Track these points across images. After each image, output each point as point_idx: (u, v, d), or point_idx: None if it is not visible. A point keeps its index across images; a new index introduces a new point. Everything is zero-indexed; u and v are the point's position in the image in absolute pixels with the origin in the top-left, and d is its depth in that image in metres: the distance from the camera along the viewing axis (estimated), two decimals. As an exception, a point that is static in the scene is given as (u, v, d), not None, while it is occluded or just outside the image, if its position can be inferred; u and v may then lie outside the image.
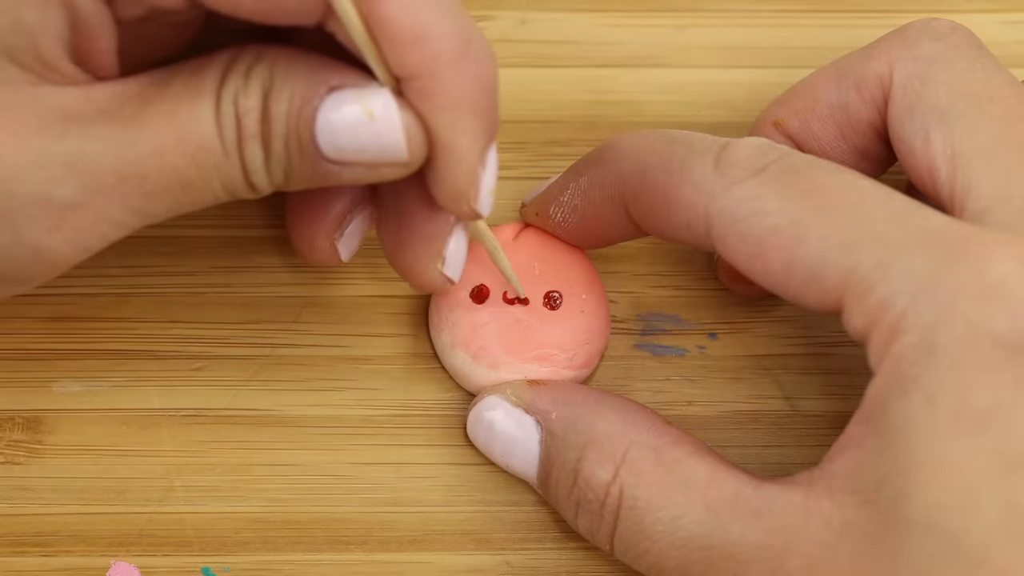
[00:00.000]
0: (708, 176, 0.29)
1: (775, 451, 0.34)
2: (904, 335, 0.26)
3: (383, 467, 0.33)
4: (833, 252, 0.27)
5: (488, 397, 0.32)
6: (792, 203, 0.28)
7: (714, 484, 0.29)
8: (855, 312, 0.27)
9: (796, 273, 0.27)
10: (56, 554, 0.33)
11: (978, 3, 0.38)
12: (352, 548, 0.33)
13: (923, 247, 0.26)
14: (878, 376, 0.27)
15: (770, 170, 0.28)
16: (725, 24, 0.38)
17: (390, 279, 0.35)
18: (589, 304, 0.33)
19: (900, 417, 0.26)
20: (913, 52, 0.30)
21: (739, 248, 0.28)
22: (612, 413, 0.31)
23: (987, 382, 0.25)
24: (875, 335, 0.27)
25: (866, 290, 0.27)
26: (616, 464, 0.29)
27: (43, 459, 0.33)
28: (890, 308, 0.26)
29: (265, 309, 0.35)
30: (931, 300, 0.26)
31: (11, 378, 0.34)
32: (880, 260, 0.26)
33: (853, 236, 0.27)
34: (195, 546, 0.33)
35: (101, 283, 0.35)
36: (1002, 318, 0.25)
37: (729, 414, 0.34)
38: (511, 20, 0.38)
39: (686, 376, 0.34)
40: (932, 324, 0.26)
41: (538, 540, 0.33)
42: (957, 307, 0.26)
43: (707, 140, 0.30)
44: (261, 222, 0.35)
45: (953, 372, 0.25)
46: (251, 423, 0.34)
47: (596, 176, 0.31)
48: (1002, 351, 0.25)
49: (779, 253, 0.28)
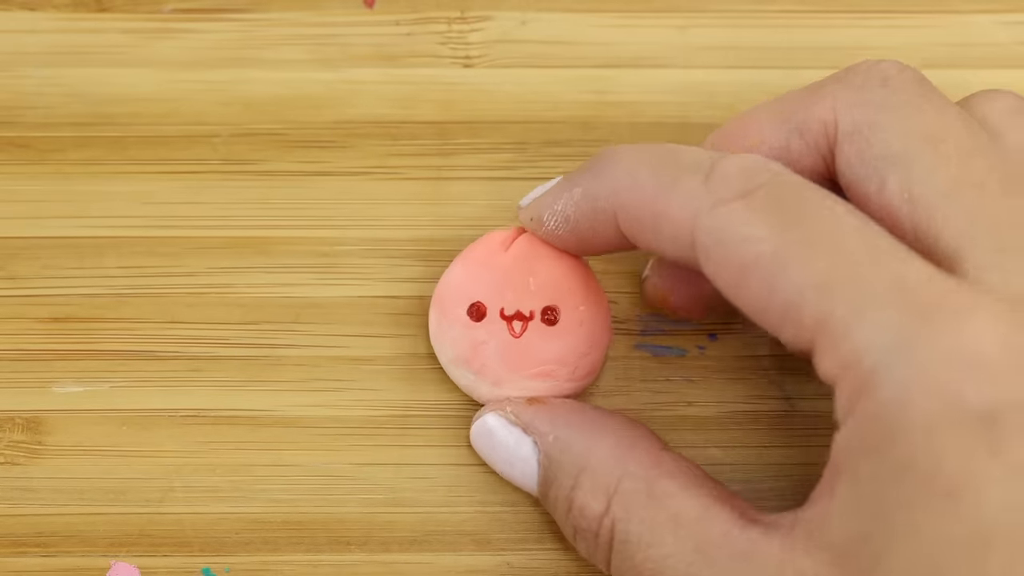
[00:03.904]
0: (696, 193, 0.28)
1: (775, 451, 0.34)
2: (876, 392, 0.26)
3: (383, 468, 0.33)
4: (810, 291, 0.26)
5: (487, 414, 0.32)
6: (775, 233, 0.27)
7: (704, 522, 0.28)
8: (826, 356, 0.26)
9: (773, 306, 0.27)
10: (56, 554, 0.33)
11: (978, 3, 0.38)
12: (352, 548, 0.33)
13: (900, 300, 0.26)
14: (846, 428, 0.26)
15: (757, 194, 0.28)
16: (725, 24, 0.38)
17: (390, 279, 0.35)
18: (587, 315, 0.33)
19: (872, 479, 0.26)
20: (859, 97, 0.30)
21: (720, 270, 0.28)
22: (607, 439, 0.30)
23: (959, 452, 0.25)
24: (844, 385, 0.26)
25: (839, 337, 0.26)
26: (608, 496, 0.29)
27: (43, 459, 0.33)
28: (862, 361, 0.26)
29: (265, 309, 0.35)
30: (904, 361, 0.25)
31: (11, 378, 0.34)
32: (856, 307, 0.26)
33: (831, 277, 0.26)
34: (195, 546, 0.33)
35: (101, 284, 0.35)
36: (975, 386, 0.25)
37: (729, 414, 0.34)
38: (511, 20, 0.38)
39: (686, 376, 0.34)
40: (904, 386, 0.25)
41: (538, 540, 0.33)
42: (930, 372, 0.25)
43: (700, 155, 0.29)
44: (261, 222, 0.36)
45: (925, 440, 0.25)
46: (251, 423, 0.34)
47: (589, 188, 0.31)
48: (975, 420, 0.25)
49: (759, 283, 0.27)
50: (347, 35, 0.37)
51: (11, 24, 0.37)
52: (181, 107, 0.37)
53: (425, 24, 0.38)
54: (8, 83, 0.37)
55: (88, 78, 0.37)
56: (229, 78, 0.37)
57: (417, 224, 0.36)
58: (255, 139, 0.36)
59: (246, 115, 0.36)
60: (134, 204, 0.36)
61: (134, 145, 0.36)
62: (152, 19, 0.37)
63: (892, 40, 0.38)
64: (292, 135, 0.36)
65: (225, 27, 0.37)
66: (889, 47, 0.38)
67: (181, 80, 0.37)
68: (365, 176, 0.36)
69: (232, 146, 0.36)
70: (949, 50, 0.38)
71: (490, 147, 0.36)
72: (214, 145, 0.36)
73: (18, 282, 0.35)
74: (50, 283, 0.35)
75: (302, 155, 0.36)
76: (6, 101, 0.37)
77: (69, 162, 0.36)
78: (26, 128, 0.36)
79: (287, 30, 0.37)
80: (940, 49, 0.38)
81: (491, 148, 0.36)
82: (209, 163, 0.36)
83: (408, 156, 0.36)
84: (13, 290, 0.35)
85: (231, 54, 0.37)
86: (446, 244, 0.35)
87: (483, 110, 0.37)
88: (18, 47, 0.37)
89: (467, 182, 0.36)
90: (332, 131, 0.36)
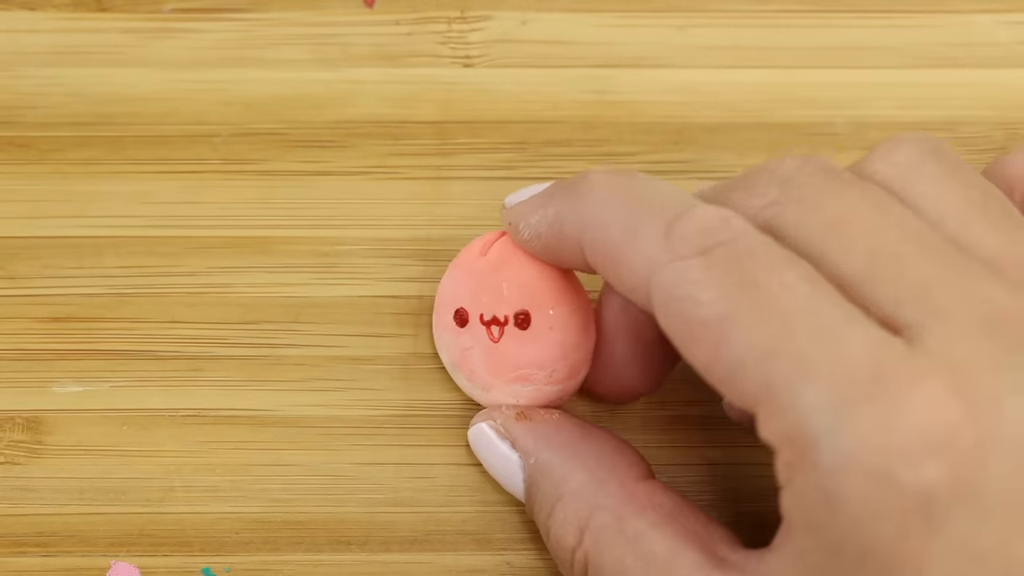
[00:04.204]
0: (656, 245, 0.28)
1: (775, 451, 0.34)
2: (813, 467, 0.25)
3: (383, 467, 0.33)
4: (752, 361, 0.26)
5: (479, 424, 0.32)
6: (725, 298, 0.27)
7: (672, 563, 0.28)
8: (767, 424, 0.26)
9: (717, 370, 0.27)
10: (56, 554, 0.33)
11: (978, 3, 0.38)
12: (353, 548, 0.33)
13: (840, 373, 0.25)
14: (787, 495, 0.26)
15: (716, 253, 0.27)
16: (725, 24, 0.38)
17: (390, 279, 0.35)
18: (557, 319, 0.32)
19: (813, 551, 0.26)
20: (760, 203, 0.29)
21: (672, 327, 0.28)
22: (583, 468, 0.30)
23: (896, 532, 0.25)
24: (784, 453, 0.26)
25: (776, 410, 0.26)
26: (581, 529, 0.30)
27: (43, 459, 0.33)
28: (796, 438, 0.26)
29: (265, 309, 0.35)
30: (841, 436, 0.25)
31: (11, 378, 0.34)
32: (796, 379, 0.26)
33: (775, 346, 0.26)
34: (195, 546, 0.33)
35: (101, 283, 0.35)
36: (907, 468, 0.25)
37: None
38: (511, 20, 0.38)
39: (686, 376, 0.34)
40: (841, 463, 0.25)
41: (538, 540, 0.33)
42: (867, 449, 0.25)
43: (667, 200, 0.29)
44: (261, 222, 0.36)
45: (862, 518, 0.25)
46: (251, 423, 0.34)
47: (562, 211, 0.31)
48: (912, 499, 0.25)
49: (706, 344, 0.27)
50: (347, 35, 0.37)
51: (11, 24, 0.37)
52: (181, 107, 0.37)
53: (425, 24, 0.38)
54: (8, 83, 0.37)
55: (88, 78, 0.37)
56: (229, 78, 0.37)
57: (417, 224, 0.36)
58: (255, 139, 0.36)
59: (246, 115, 0.36)
60: (134, 204, 0.36)
61: (134, 145, 0.36)
62: (152, 19, 0.37)
63: (892, 40, 0.38)
64: (292, 135, 0.36)
65: (225, 27, 0.37)
66: (889, 47, 0.38)
67: (181, 80, 0.37)
68: (365, 176, 0.36)
69: (232, 146, 0.36)
70: (949, 50, 0.38)
71: (490, 147, 0.36)
72: (214, 145, 0.36)
73: (18, 282, 0.35)
74: (50, 283, 0.35)
75: (302, 155, 0.36)
76: (6, 101, 0.37)
77: (69, 162, 0.36)
78: (26, 128, 0.36)
79: (287, 30, 0.37)
80: (940, 49, 0.38)
81: (491, 148, 0.36)
82: (209, 163, 0.36)
83: (408, 156, 0.36)
84: (13, 290, 0.35)
85: (231, 54, 0.37)
86: (446, 244, 0.35)
87: (483, 110, 0.37)
88: (18, 47, 0.37)
89: (467, 182, 0.36)
90: (332, 131, 0.36)
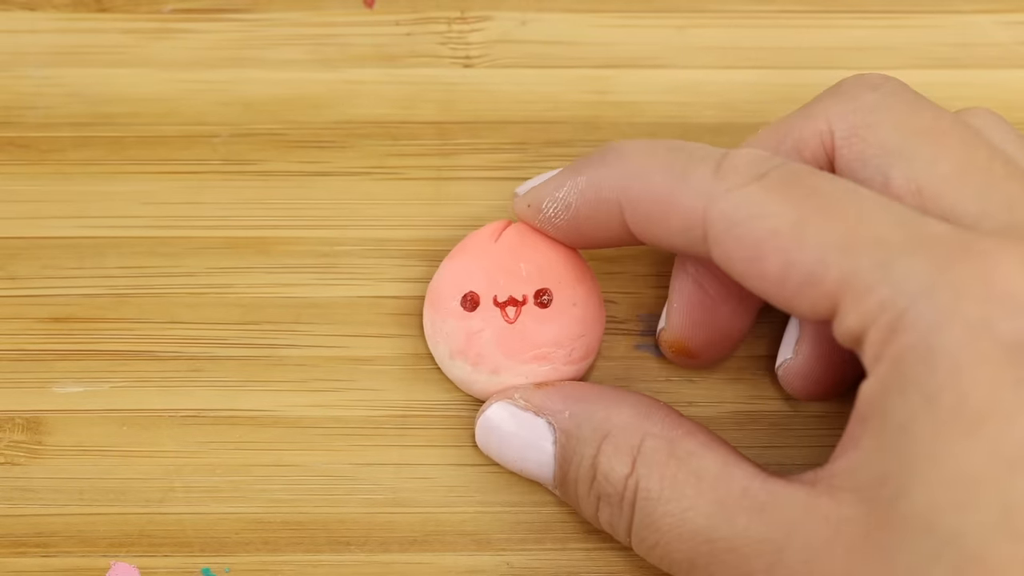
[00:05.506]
0: (708, 181, 0.29)
1: (775, 451, 0.34)
2: (903, 335, 0.26)
3: (383, 468, 0.33)
4: (833, 254, 0.27)
5: (495, 404, 0.32)
6: (792, 207, 0.28)
7: (724, 478, 0.29)
8: (851, 313, 0.27)
9: (793, 276, 0.27)
10: (56, 554, 0.33)
11: (978, 3, 0.38)
12: (352, 549, 0.33)
13: (925, 250, 0.26)
14: (873, 376, 0.27)
15: (771, 176, 0.28)
16: (725, 24, 0.38)
17: (390, 279, 0.35)
18: (580, 295, 0.33)
19: (899, 416, 0.26)
20: (851, 105, 0.30)
21: (735, 252, 0.28)
22: (625, 406, 0.31)
23: (987, 382, 0.25)
24: (871, 335, 0.27)
25: (865, 291, 0.26)
26: (633, 456, 0.30)
27: (43, 459, 0.33)
28: (889, 308, 0.26)
29: (265, 309, 0.35)
30: (932, 301, 0.26)
31: (11, 378, 0.34)
32: (881, 261, 0.26)
33: (853, 239, 0.27)
34: (195, 546, 0.33)
35: (101, 284, 0.35)
36: (1003, 319, 0.25)
37: (729, 414, 0.34)
38: (511, 20, 0.38)
39: (686, 376, 0.34)
40: (933, 325, 0.26)
41: (538, 540, 0.33)
42: (959, 308, 0.26)
43: (708, 149, 0.30)
44: (261, 222, 0.36)
45: (953, 372, 0.25)
46: (251, 423, 0.34)
47: (595, 177, 0.31)
48: (1003, 352, 0.25)
49: (777, 256, 0.28)
50: (347, 35, 0.37)
51: (11, 24, 0.37)
52: (181, 107, 0.37)
53: (425, 24, 0.38)
54: (8, 83, 0.37)
55: (88, 78, 0.37)
56: (229, 78, 0.37)
57: (417, 224, 0.36)
58: (255, 139, 0.36)
59: (246, 115, 0.36)
60: (134, 204, 0.36)
61: (134, 145, 0.36)
62: (152, 19, 0.37)
63: (892, 40, 0.38)
64: (292, 135, 0.36)
65: (225, 27, 0.37)
66: (889, 47, 0.38)
67: (181, 80, 0.37)
68: (365, 176, 0.36)
69: (232, 146, 0.36)
70: (949, 50, 0.38)
71: (490, 147, 0.36)
72: (214, 145, 0.36)
73: (18, 282, 0.35)
74: (50, 283, 0.35)
75: (302, 155, 0.36)
76: (6, 101, 0.37)
77: (69, 162, 0.36)
78: (26, 128, 0.36)
79: (287, 30, 0.37)
80: (940, 49, 0.38)
81: (491, 148, 0.36)
82: (209, 163, 0.36)
83: (408, 156, 0.36)
84: (13, 290, 0.35)
85: (231, 54, 0.37)
86: (446, 244, 0.35)
87: (483, 110, 0.37)
88: (18, 47, 0.37)
89: (467, 182, 0.36)
90: (332, 131, 0.36)
